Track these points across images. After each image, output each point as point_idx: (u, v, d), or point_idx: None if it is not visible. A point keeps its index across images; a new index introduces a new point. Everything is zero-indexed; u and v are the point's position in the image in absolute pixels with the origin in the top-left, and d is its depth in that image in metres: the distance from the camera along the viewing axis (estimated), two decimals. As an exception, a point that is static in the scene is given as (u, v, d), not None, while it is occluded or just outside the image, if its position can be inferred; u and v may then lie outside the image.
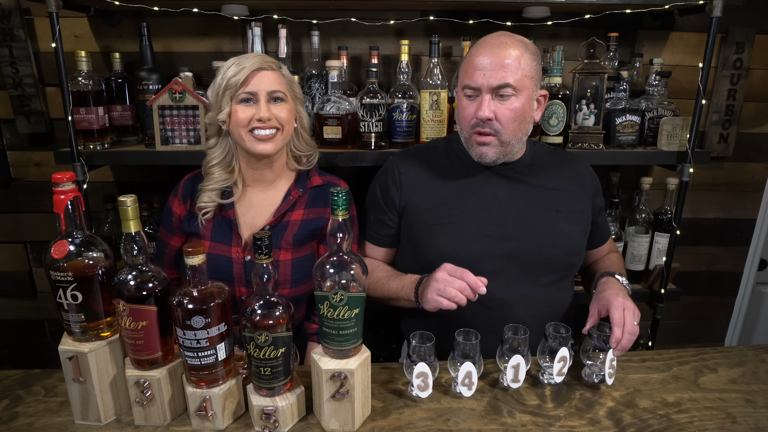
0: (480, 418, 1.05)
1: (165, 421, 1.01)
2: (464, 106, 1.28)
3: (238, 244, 1.30)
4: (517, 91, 1.22)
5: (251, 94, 1.23)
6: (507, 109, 1.23)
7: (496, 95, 1.22)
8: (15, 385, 1.14)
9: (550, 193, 1.35)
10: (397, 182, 1.38)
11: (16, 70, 1.85)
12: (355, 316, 0.95)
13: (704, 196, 2.18)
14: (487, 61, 1.20)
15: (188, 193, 1.35)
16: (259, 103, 1.23)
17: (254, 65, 1.22)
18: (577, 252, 1.38)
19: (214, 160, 1.31)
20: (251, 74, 1.22)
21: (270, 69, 1.25)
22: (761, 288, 2.46)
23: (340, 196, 0.92)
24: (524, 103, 1.24)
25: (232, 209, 1.32)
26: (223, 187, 1.31)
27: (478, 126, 1.25)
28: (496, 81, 1.20)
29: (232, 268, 1.29)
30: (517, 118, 1.24)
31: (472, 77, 1.23)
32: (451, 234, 1.30)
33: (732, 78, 2.00)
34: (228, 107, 1.23)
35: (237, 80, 1.21)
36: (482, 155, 1.29)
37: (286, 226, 1.32)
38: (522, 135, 1.28)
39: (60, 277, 0.94)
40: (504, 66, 1.20)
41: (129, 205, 0.92)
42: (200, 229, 1.31)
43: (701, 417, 1.06)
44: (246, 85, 1.22)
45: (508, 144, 1.27)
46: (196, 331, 0.93)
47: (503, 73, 1.19)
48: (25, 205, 2.05)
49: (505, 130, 1.24)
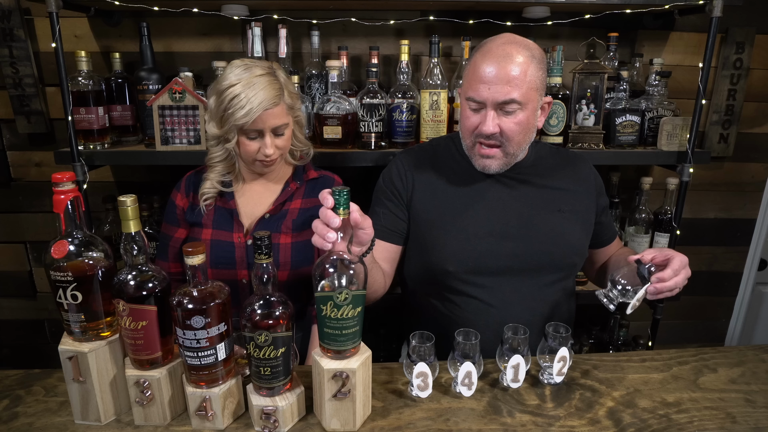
0: (480, 417, 1.05)
1: (165, 421, 1.01)
2: (467, 116, 1.26)
3: (240, 230, 1.37)
4: (522, 105, 1.19)
5: (257, 131, 1.29)
6: (512, 123, 1.21)
7: (501, 110, 1.20)
8: (15, 385, 1.14)
9: (552, 193, 1.35)
10: (403, 178, 1.37)
11: (16, 70, 1.85)
12: (358, 315, 0.95)
13: (704, 196, 2.18)
14: (492, 74, 1.17)
15: (191, 186, 1.42)
16: (265, 139, 1.29)
17: (261, 107, 1.23)
18: (579, 252, 1.38)
19: (216, 158, 1.38)
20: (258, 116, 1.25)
21: (275, 105, 1.26)
22: (761, 288, 2.46)
23: (342, 195, 0.92)
24: (529, 116, 1.22)
25: (233, 200, 1.39)
26: (224, 178, 1.39)
27: (480, 138, 1.25)
28: (501, 97, 1.18)
29: (234, 252, 1.35)
30: (522, 131, 1.23)
31: (477, 90, 1.20)
32: (457, 234, 1.30)
33: (732, 78, 2.00)
34: (235, 138, 1.30)
35: (245, 122, 1.24)
36: (485, 167, 1.29)
37: (286, 213, 1.39)
38: (526, 144, 1.29)
39: (60, 277, 0.94)
40: (509, 80, 1.17)
41: (129, 205, 0.92)
42: (202, 218, 1.38)
43: (701, 417, 1.06)
44: (253, 125, 1.26)
45: (512, 155, 1.27)
46: (195, 331, 0.93)
47: (509, 88, 1.17)
48: (25, 205, 2.05)
49: (510, 142, 1.24)
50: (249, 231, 1.37)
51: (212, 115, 1.30)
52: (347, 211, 0.94)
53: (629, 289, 1.14)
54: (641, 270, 1.14)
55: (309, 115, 1.68)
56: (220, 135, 1.31)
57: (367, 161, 1.67)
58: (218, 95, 1.26)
